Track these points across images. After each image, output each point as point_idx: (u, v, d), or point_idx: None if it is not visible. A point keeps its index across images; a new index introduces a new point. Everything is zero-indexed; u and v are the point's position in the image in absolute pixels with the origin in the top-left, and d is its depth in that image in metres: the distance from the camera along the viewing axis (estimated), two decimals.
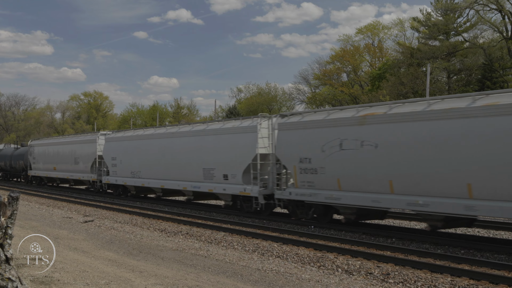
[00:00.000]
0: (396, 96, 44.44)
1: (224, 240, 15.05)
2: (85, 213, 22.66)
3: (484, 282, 9.88)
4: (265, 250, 13.43)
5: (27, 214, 22.06)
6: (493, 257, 12.19)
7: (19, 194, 6.28)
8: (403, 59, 50.84)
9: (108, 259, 12.01)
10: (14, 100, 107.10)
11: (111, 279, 9.37)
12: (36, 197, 31.42)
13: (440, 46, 47.71)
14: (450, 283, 9.81)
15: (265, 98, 76.99)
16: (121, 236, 16.27)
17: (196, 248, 13.98)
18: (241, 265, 11.74)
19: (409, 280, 10.14)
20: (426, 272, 10.77)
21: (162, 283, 9.28)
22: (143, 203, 26.21)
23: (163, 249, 13.88)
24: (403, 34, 63.16)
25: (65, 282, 8.79)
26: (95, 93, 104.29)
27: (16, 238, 12.06)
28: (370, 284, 10.08)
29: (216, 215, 21.23)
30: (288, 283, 10.02)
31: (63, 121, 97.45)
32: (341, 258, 12.28)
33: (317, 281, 10.19)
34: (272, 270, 11.17)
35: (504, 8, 45.07)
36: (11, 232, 6.08)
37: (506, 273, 10.50)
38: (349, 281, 10.31)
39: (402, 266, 11.34)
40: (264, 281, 10.14)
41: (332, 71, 66.50)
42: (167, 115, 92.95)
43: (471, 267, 11.11)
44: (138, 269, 10.71)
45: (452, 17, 47.88)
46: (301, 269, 11.39)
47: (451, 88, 48.58)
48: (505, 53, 44.82)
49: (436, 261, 11.70)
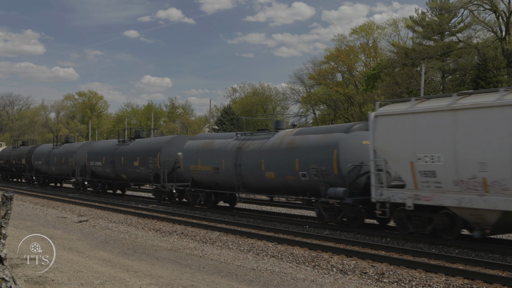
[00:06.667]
0: (390, 96, 44.51)
1: (219, 240, 15.04)
2: (79, 213, 22.59)
3: (478, 282, 9.91)
4: (260, 250, 13.42)
5: (21, 214, 21.97)
6: (487, 256, 12.22)
7: (13, 194, 6.25)
8: (397, 59, 50.90)
9: (102, 259, 11.98)
10: (8, 100, 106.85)
11: (105, 279, 9.35)
12: (30, 197, 31.30)
13: (434, 46, 47.80)
14: (445, 283, 9.83)
15: (259, 98, 77.00)
16: (115, 236, 16.23)
17: (191, 248, 13.96)
18: (236, 265, 11.73)
19: (404, 279, 10.15)
20: (420, 271, 10.79)
21: (157, 283, 9.26)
22: (138, 203, 26.15)
23: (158, 249, 13.85)
24: (397, 34, 63.33)
25: (60, 282, 8.76)
26: (89, 93, 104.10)
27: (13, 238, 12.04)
28: (365, 283, 10.09)
29: (211, 214, 21.17)
30: (283, 283, 10.02)
31: (57, 121, 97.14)
32: (336, 257, 12.29)
33: (312, 281, 10.19)
34: (267, 270, 11.17)
35: (498, 8, 45.21)
36: (4, 232, 6.05)
37: (500, 272, 10.53)
38: (344, 280, 10.32)
39: (397, 265, 11.36)
40: (259, 281, 10.13)
41: (327, 71, 66.53)
42: (162, 114, 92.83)
43: (466, 266, 11.14)
44: (132, 269, 10.69)
45: (447, 17, 48.01)
46: (296, 269, 11.39)
47: (446, 88, 48.72)
48: (499, 53, 44.94)
49: (430, 261, 11.73)
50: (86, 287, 8.64)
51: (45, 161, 38.59)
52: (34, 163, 40.62)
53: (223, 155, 20.99)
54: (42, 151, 39.83)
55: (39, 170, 40.22)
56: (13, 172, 47.91)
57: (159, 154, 25.50)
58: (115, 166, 29.34)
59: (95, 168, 31.40)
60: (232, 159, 20.35)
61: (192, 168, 22.64)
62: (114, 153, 29.53)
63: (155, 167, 25.63)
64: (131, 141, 29.43)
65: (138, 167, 27.20)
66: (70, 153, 35.28)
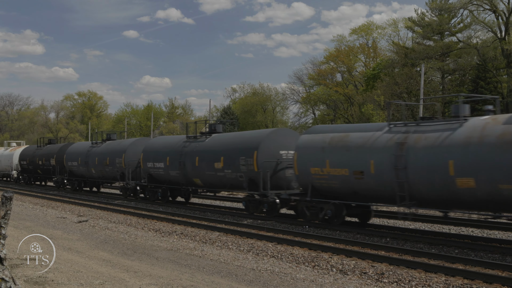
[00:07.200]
0: (390, 96, 44.55)
1: (218, 240, 15.04)
2: (79, 213, 22.59)
3: (478, 282, 9.91)
4: (260, 250, 13.43)
5: (21, 214, 21.97)
6: (487, 256, 12.23)
7: (12, 194, 6.25)
8: (397, 59, 50.95)
9: (102, 259, 11.98)
10: (8, 100, 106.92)
11: (105, 279, 9.35)
12: (30, 197, 31.30)
13: (434, 46, 47.85)
14: (444, 283, 9.83)
15: (259, 98, 77.01)
16: (115, 236, 16.23)
17: (190, 248, 13.96)
18: (235, 265, 11.73)
19: (404, 279, 10.15)
20: (420, 271, 10.79)
21: (157, 283, 9.26)
22: (138, 203, 26.14)
23: (157, 249, 13.85)
24: (397, 34, 63.37)
25: (59, 282, 8.76)
26: (89, 93, 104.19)
27: (13, 239, 12.04)
28: (365, 283, 10.09)
29: (211, 215, 21.17)
30: (283, 283, 10.02)
31: (57, 121, 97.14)
32: (336, 257, 12.29)
33: (311, 281, 10.19)
34: (266, 270, 11.17)
35: (498, 8, 45.25)
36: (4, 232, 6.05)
37: (500, 272, 10.53)
38: (343, 280, 10.32)
39: (397, 265, 11.36)
40: (259, 281, 10.13)
41: (327, 71, 66.57)
42: (161, 115, 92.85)
43: (465, 266, 11.15)
44: (132, 269, 10.69)
45: (447, 17, 48.05)
46: (296, 269, 11.39)
47: (445, 88, 48.76)
48: (498, 53, 44.99)
49: (430, 261, 11.73)
50: (85, 287, 8.64)
51: (82, 162, 32.88)
52: (67, 164, 34.84)
53: (370, 153, 15.92)
54: (78, 150, 34.23)
55: (74, 172, 34.56)
56: (39, 175, 41.49)
57: (255, 153, 19.74)
58: (185, 168, 23.77)
59: (155, 171, 25.95)
60: (389, 159, 15.14)
61: (315, 172, 17.36)
62: (183, 152, 24.06)
63: (249, 170, 20.06)
64: (206, 137, 23.86)
65: (222, 169, 21.44)
66: (117, 152, 29.59)
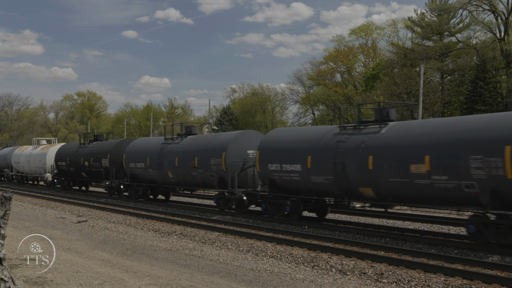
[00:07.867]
0: (389, 96, 44.56)
1: (218, 240, 15.04)
2: (78, 213, 22.57)
3: (477, 282, 9.91)
4: (259, 250, 13.42)
5: (20, 214, 21.96)
6: (486, 256, 12.23)
7: (11, 194, 6.25)
8: (396, 60, 50.99)
9: (101, 259, 11.97)
10: (7, 100, 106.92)
11: (104, 279, 9.34)
12: (29, 197, 31.29)
13: (433, 47, 47.89)
14: (444, 283, 9.84)
15: (259, 98, 77.02)
16: (114, 236, 16.22)
17: (190, 248, 13.96)
18: (235, 265, 11.73)
19: (403, 280, 10.16)
20: (419, 272, 10.79)
21: (156, 284, 9.25)
22: (137, 203, 26.12)
23: (157, 249, 13.85)
24: (396, 34, 63.40)
25: (59, 283, 8.75)
26: (88, 93, 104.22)
27: (12, 239, 12.03)
28: (364, 284, 10.09)
29: (210, 215, 21.18)
30: (282, 283, 10.02)
31: (56, 121, 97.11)
32: (335, 258, 12.29)
33: (311, 281, 10.19)
34: (266, 270, 11.17)
35: (497, 9, 45.29)
36: (3, 232, 6.05)
37: (499, 272, 10.53)
38: (343, 281, 10.32)
39: (396, 266, 11.35)
40: (258, 281, 10.13)
41: (326, 72, 66.60)
42: (161, 115, 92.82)
43: (464, 266, 11.14)
44: (132, 269, 10.68)
45: (446, 17, 48.07)
46: (295, 269, 11.39)
47: (445, 88, 48.78)
48: (497, 54, 45.04)
49: (429, 261, 11.73)
50: (85, 287, 8.64)
51: (152, 163, 24.97)
52: (128, 166, 27.04)
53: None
54: (144, 148, 26.31)
55: (136, 176, 26.82)
56: (84, 179, 33.85)
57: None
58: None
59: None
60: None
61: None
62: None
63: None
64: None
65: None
66: (213, 150, 21.05)
